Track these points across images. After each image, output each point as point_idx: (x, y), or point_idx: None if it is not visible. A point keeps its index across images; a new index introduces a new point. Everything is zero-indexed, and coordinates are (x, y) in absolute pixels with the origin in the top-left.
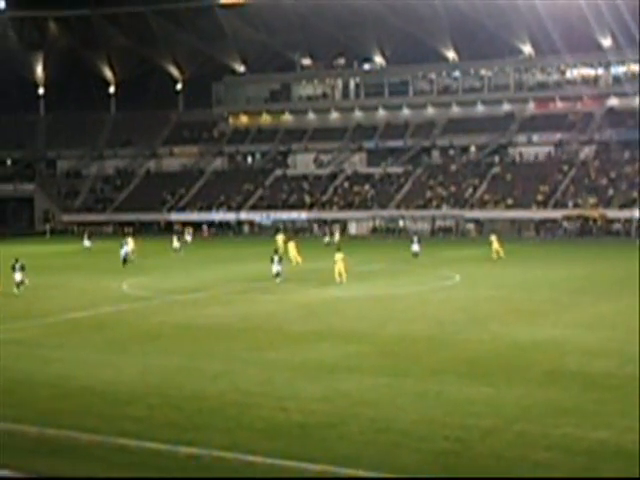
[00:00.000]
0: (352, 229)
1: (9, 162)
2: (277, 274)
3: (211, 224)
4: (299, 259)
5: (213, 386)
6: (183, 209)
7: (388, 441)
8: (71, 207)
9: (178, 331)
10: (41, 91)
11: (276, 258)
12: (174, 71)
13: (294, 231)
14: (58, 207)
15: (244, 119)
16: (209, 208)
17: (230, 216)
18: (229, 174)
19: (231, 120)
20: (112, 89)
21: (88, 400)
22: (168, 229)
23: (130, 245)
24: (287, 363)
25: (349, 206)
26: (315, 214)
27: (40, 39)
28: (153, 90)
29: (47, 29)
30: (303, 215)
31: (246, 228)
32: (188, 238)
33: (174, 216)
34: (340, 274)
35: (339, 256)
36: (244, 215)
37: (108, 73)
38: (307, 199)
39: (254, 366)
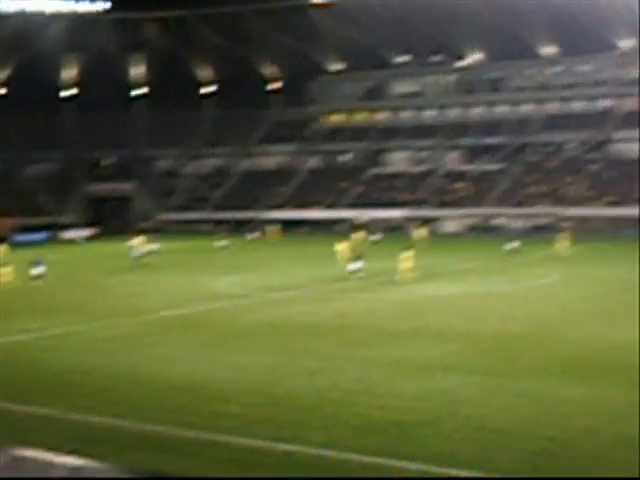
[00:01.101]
0: (447, 227)
1: (109, 162)
2: (355, 271)
3: (304, 222)
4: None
5: (310, 383)
6: (279, 207)
7: (484, 440)
8: (168, 206)
9: (274, 329)
10: (140, 91)
11: (355, 256)
12: (270, 70)
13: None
14: (156, 206)
15: (339, 117)
16: (304, 206)
17: (324, 214)
18: (324, 172)
19: (326, 119)
20: (209, 89)
21: (186, 397)
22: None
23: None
24: (384, 360)
25: (444, 204)
26: (410, 212)
27: (139, 40)
28: (249, 89)
29: (146, 30)
30: (397, 213)
31: (340, 226)
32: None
33: (269, 214)
34: (404, 272)
35: (407, 254)
36: (338, 213)
37: (205, 73)
38: (402, 197)
39: (351, 363)
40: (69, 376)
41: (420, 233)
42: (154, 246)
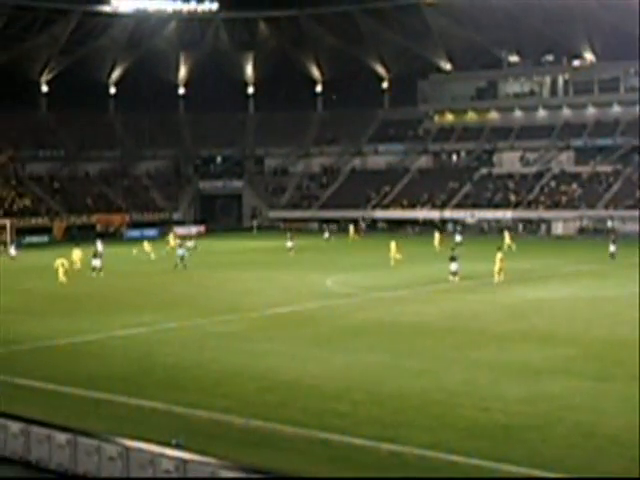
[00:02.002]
0: (557, 229)
1: (219, 159)
2: (454, 273)
3: (412, 222)
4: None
5: (416, 384)
6: (387, 207)
7: (593, 446)
8: (277, 204)
9: (382, 328)
10: (251, 90)
11: (454, 256)
12: (380, 69)
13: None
14: (265, 204)
15: (449, 117)
16: (413, 206)
17: (434, 214)
18: (434, 172)
19: (436, 118)
20: (319, 88)
21: (294, 394)
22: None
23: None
24: (491, 363)
25: (555, 205)
26: (520, 213)
27: (250, 39)
28: (359, 88)
29: (257, 29)
30: (508, 214)
31: (450, 226)
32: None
33: (378, 213)
34: (498, 273)
35: (499, 256)
36: (448, 213)
37: (315, 72)
38: (512, 198)
39: (458, 365)
40: (180, 370)
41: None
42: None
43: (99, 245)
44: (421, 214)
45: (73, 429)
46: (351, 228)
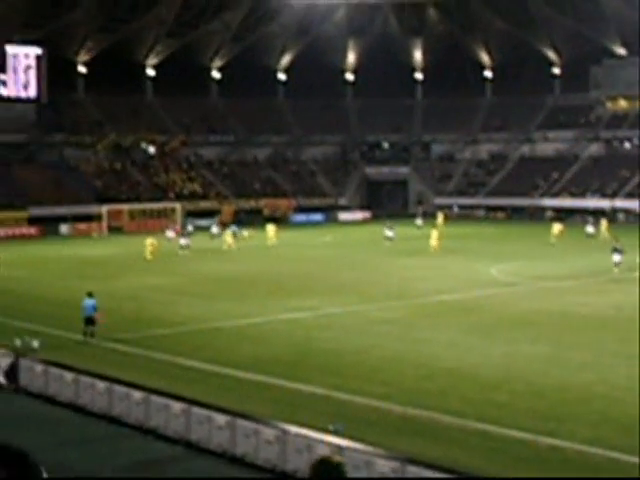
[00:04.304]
0: None
1: (386, 145)
2: (617, 264)
3: (582, 211)
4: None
5: (579, 377)
6: (556, 195)
7: None
8: (443, 190)
9: (546, 318)
10: (419, 76)
11: (617, 247)
12: (551, 54)
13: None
14: (431, 190)
15: (622, 103)
16: (582, 194)
17: (604, 203)
18: (605, 160)
19: (609, 104)
20: (488, 73)
21: (453, 382)
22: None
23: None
24: None
25: None
26: None
27: (419, 25)
28: (529, 74)
29: (426, 15)
30: None
31: (621, 216)
32: (419, 222)
33: (546, 202)
34: None
35: None
36: (619, 202)
37: (484, 57)
38: None
39: (623, 359)
40: (340, 355)
41: None
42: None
43: (189, 226)
44: (591, 203)
45: (232, 411)
46: (440, 215)
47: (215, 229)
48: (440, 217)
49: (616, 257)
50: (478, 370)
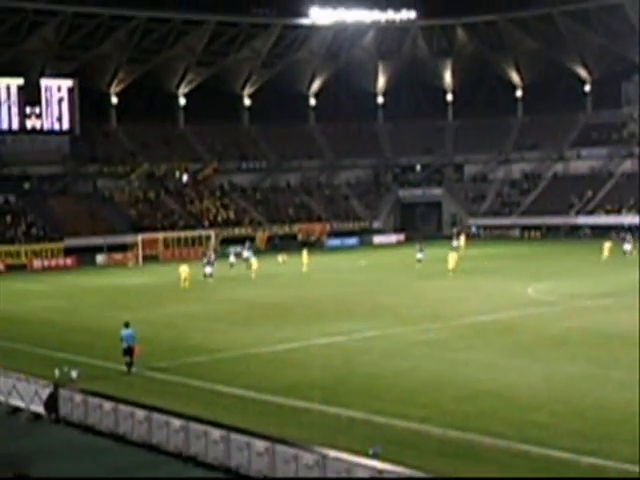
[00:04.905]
0: None
1: (418, 167)
2: None
3: (620, 228)
4: None
5: (619, 396)
6: (591, 212)
7: None
8: (477, 211)
9: (585, 337)
10: (449, 97)
11: None
12: (582, 72)
13: None
14: (465, 211)
15: None
16: (618, 211)
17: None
18: (639, 177)
19: None
20: (519, 93)
21: (493, 404)
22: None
23: None
24: None
25: None
26: None
27: (448, 46)
28: (560, 92)
29: (455, 36)
30: None
31: None
32: (455, 243)
33: (581, 219)
34: None
35: None
36: None
37: (515, 77)
38: None
39: None
40: (379, 379)
41: None
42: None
43: (212, 254)
44: (626, 220)
45: (272, 437)
46: (461, 237)
47: (232, 258)
48: (461, 239)
49: None
50: (518, 391)
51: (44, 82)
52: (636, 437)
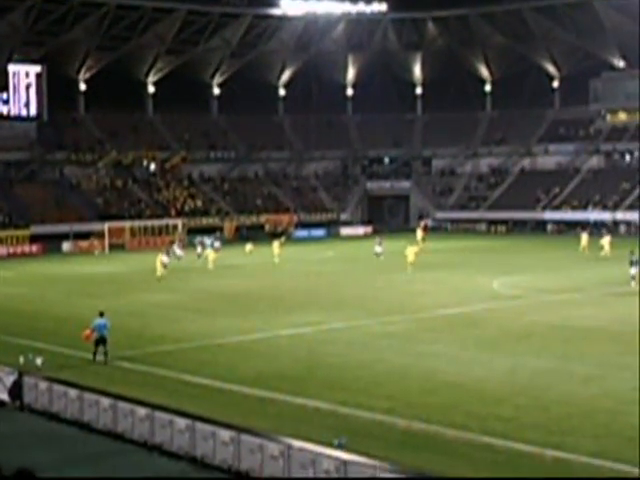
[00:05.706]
0: None
1: (387, 160)
2: (633, 277)
3: (586, 223)
4: None
5: (583, 390)
6: (557, 208)
7: None
8: (444, 205)
9: (550, 331)
10: (418, 90)
11: (634, 259)
12: (550, 68)
13: None
14: (432, 204)
15: (622, 116)
16: (584, 207)
17: (605, 215)
18: (605, 173)
19: (609, 117)
20: (488, 87)
21: (457, 396)
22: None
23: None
24: None
25: None
26: None
27: (419, 39)
28: (529, 88)
29: (425, 29)
30: None
31: (622, 228)
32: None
33: (548, 215)
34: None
35: None
36: (620, 215)
37: (484, 72)
38: None
39: (627, 371)
40: (344, 370)
41: None
42: None
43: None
44: (592, 215)
45: (237, 427)
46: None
47: (178, 251)
48: (419, 232)
49: (633, 270)
50: (482, 384)
51: (12, 68)
52: (600, 431)
